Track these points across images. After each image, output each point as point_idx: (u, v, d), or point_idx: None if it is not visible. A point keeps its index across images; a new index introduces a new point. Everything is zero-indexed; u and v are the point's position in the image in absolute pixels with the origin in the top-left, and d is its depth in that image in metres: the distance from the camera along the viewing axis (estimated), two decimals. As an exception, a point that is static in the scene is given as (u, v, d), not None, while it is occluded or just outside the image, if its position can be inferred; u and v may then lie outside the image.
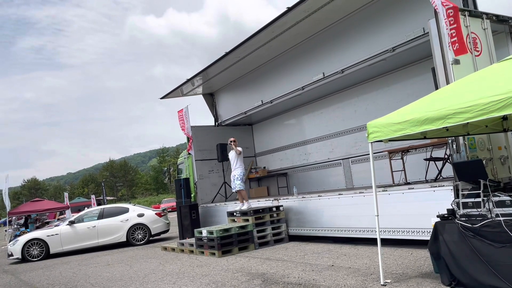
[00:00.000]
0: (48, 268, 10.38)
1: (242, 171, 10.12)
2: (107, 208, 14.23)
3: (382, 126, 4.75)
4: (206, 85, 14.06)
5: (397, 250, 6.98)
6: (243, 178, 10.10)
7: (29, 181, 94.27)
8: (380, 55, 8.80)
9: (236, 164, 10.15)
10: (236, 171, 10.13)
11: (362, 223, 7.83)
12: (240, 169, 10.09)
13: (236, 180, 10.06)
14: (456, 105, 3.94)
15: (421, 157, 8.67)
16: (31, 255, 12.53)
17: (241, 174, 10.07)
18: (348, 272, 5.84)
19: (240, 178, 10.02)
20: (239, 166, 10.10)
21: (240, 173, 10.07)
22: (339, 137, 11.70)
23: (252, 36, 9.93)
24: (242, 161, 10.23)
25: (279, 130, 14.07)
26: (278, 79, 11.93)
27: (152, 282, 6.86)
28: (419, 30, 7.85)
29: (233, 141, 10.32)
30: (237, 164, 10.12)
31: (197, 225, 11.63)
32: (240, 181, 10.00)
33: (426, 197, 6.60)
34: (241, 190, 10.04)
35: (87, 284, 7.49)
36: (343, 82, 10.65)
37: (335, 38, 9.92)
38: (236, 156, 10.16)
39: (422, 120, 4.16)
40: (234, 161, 10.20)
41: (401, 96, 9.50)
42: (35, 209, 21.06)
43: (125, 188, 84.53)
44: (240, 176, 10.04)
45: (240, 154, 10.12)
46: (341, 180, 11.68)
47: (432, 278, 4.96)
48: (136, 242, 13.26)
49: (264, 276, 6.24)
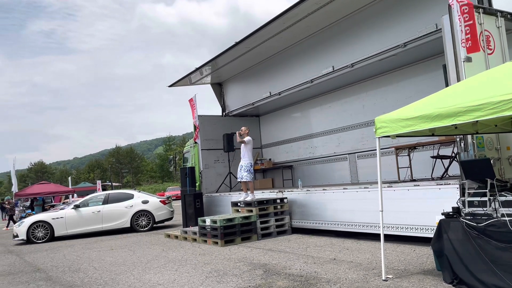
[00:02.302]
0: (52, 250, 10.51)
1: (250, 162, 10.01)
2: (112, 193, 14.35)
3: (390, 122, 4.72)
4: (215, 74, 14.04)
5: (400, 246, 6.97)
6: (250, 169, 9.98)
7: (36, 164, 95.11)
8: (391, 50, 8.72)
9: (244, 154, 10.05)
10: (243, 161, 10.03)
11: (365, 218, 7.82)
12: (247, 160, 9.98)
13: (243, 171, 9.96)
14: (467, 102, 3.90)
15: (427, 155, 8.63)
16: (36, 237, 12.68)
17: (248, 165, 9.94)
18: (349, 266, 5.86)
19: (247, 170, 9.91)
20: (247, 157, 9.99)
21: (248, 164, 9.96)
22: (346, 132, 11.65)
23: (263, 26, 9.88)
24: (250, 151, 10.10)
25: (286, 122, 14.04)
26: (287, 71, 11.88)
27: (155, 268, 6.92)
28: (431, 26, 7.76)
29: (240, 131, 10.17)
30: (245, 155, 10.03)
31: (201, 214, 11.69)
32: (247, 173, 9.89)
33: (432, 195, 6.57)
34: (249, 182, 9.99)
35: (90, 267, 7.57)
36: (353, 76, 10.58)
37: (346, 32, 9.83)
38: (244, 146, 10.07)
39: (432, 117, 4.13)
40: (242, 151, 10.10)
41: (410, 92, 9.43)
42: (41, 191, 21.29)
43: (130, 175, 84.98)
44: (247, 167, 9.92)
45: (243, 144, 9.99)
46: (346, 175, 11.66)
47: (434, 275, 4.95)
48: (139, 229, 13.37)
49: (266, 267, 6.27)
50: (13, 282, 6.79)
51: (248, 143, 10.01)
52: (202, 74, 13.79)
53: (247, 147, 10.00)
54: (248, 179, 9.92)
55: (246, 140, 9.96)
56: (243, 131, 10.11)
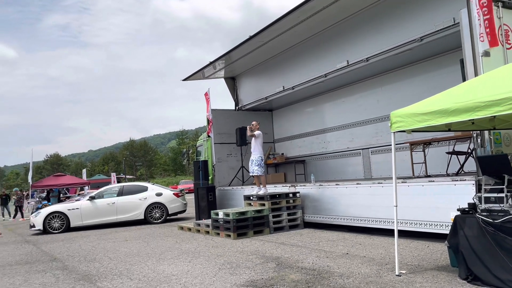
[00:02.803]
0: (68, 241, 10.70)
1: (260, 156, 10.04)
2: (126, 185, 14.52)
3: (406, 116, 4.68)
4: (228, 68, 14.06)
5: (413, 242, 6.94)
6: (261, 163, 10.02)
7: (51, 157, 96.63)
8: (407, 45, 8.61)
9: (254, 149, 10.11)
10: (253, 156, 10.07)
11: (379, 214, 7.79)
12: (258, 154, 10.03)
13: (254, 165, 10.00)
14: (486, 97, 3.85)
15: (442, 150, 8.54)
16: (52, 227, 12.92)
17: (258, 159, 9.98)
18: (362, 261, 5.85)
19: (257, 164, 9.96)
20: (257, 151, 10.04)
21: (258, 158, 9.99)
22: (360, 127, 11.58)
23: (278, 20, 9.85)
24: (260, 145, 10.14)
25: (299, 117, 14.01)
26: (301, 65, 11.83)
27: (169, 259, 7.01)
28: (449, 20, 7.64)
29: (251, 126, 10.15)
30: (255, 149, 10.07)
31: (214, 207, 11.77)
32: (257, 167, 9.93)
33: (447, 191, 6.51)
34: (260, 176, 10.03)
35: (105, 257, 7.70)
36: (367, 71, 10.49)
37: (361, 26, 9.74)
38: (254, 141, 10.11)
39: (449, 112, 4.08)
40: (253, 145, 10.16)
41: (426, 87, 9.31)
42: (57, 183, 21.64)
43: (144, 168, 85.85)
44: (258, 161, 9.97)
45: (253, 137, 9.99)
46: (359, 170, 11.60)
47: (448, 271, 4.92)
48: (153, 221, 13.52)
49: (279, 260, 6.31)
50: (30, 271, 6.94)
51: (258, 137, 10.02)
52: (215, 68, 13.82)
53: (257, 141, 10.02)
54: (259, 173, 9.95)
55: (256, 134, 9.97)
56: (253, 125, 10.13)
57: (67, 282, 5.89)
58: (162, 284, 5.35)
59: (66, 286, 5.65)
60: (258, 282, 5.09)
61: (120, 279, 5.82)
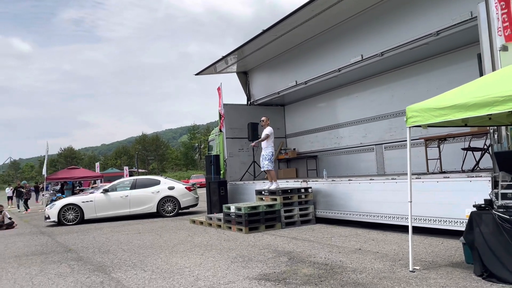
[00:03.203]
0: (82, 232, 10.85)
1: (271, 151, 10.06)
2: (139, 179, 14.65)
3: (422, 111, 4.62)
4: (241, 63, 14.04)
5: (427, 238, 6.88)
6: (271, 158, 10.06)
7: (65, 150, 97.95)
8: (422, 39, 8.49)
9: (264, 144, 10.12)
10: (265, 151, 10.10)
11: (392, 210, 7.73)
12: (269, 149, 10.04)
13: (264, 160, 10.05)
14: (505, 92, 3.78)
15: (458, 147, 8.43)
16: (67, 219, 13.11)
17: (269, 154, 10.01)
18: (375, 257, 5.82)
19: (268, 158, 9.99)
20: (268, 146, 10.06)
21: (269, 153, 10.02)
22: (374, 122, 11.48)
23: (291, 14, 9.79)
24: (272, 141, 10.18)
25: (312, 112, 13.95)
26: (314, 60, 11.76)
27: (181, 252, 7.07)
28: (466, 14, 7.51)
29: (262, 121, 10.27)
30: (266, 144, 10.09)
31: (225, 201, 11.81)
32: (268, 161, 9.97)
33: (462, 187, 6.43)
34: (270, 170, 10.05)
35: (119, 249, 7.79)
36: (382, 66, 10.38)
37: (376, 19, 9.63)
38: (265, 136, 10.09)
39: (467, 106, 4.01)
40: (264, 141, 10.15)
41: (442, 82, 9.18)
42: (71, 176, 21.93)
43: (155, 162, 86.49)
44: (268, 156, 10.00)
45: (266, 137, 10.04)
46: (372, 166, 11.52)
47: (463, 268, 4.87)
48: (165, 214, 13.63)
49: (291, 254, 6.31)
50: (46, 261, 7.06)
51: (270, 135, 10.07)
52: (227, 63, 13.82)
53: (269, 137, 10.05)
54: (270, 168, 9.97)
55: (268, 133, 10.01)
56: (264, 121, 10.20)
57: (82, 273, 5.98)
58: (175, 276, 5.40)
59: (82, 276, 5.74)
60: (270, 276, 5.11)
61: (134, 270, 5.88)
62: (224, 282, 4.97)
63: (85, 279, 5.59)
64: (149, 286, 4.99)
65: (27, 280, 5.76)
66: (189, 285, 4.92)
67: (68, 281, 5.55)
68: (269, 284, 4.74)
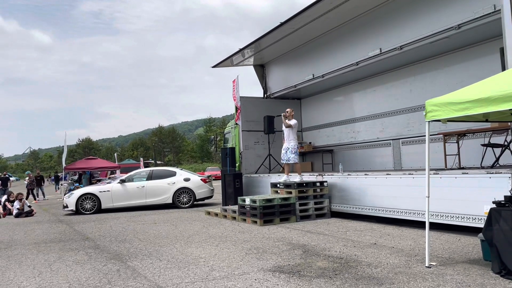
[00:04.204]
0: (99, 221, 11.04)
1: (295, 144, 9.92)
2: (156, 170, 14.80)
3: (442, 105, 4.54)
4: (258, 56, 14.01)
5: (444, 235, 6.79)
6: (297, 151, 9.92)
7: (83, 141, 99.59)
8: (443, 32, 8.33)
9: (289, 137, 9.94)
10: (289, 144, 9.91)
11: (408, 205, 7.65)
12: (293, 142, 9.89)
13: (290, 153, 9.86)
14: (528, 86, 3.69)
15: (477, 142, 8.28)
16: (84, 208, 13.34)
17: (294, 147, 9.85)
18: (391, 252, 5.78)
19: (294, 152, 9.84)
20: (293, 139, 9.91)
21: (294, 146, 9.87)
22: (391, 117, 11.35)
23: (310, 6, 9.70)
24: (295, 134, 10.03)
25: (328, 106, 13.85)
26: (332, 53, 11.65)
27: (196, 243, 7.13)
28: (489, 7, 7.34)
29: (285, 113, 10.00)
30: (291, 137, 9.92)
31: (240, 194, 11.86)
32: (294, 154, 9.82)
33: (481, 184, 6.31)
34: (296, 163, 9.97)
35: (135, 239, 7.90)
36: (401, 59, 10.22)
37: (396, 12, 9.48)
38: (290, 129, 9.94)
39: (490, 101, 3.93)
40: (288, 133, 9.96)
41: (462, 77, 9.01)
42: (88, 166, 22.28)
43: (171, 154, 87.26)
44: (294, 149, 9.84)
45: (289, 127, 9.91)
46: (389, 161, 11.41)
47: (481, 265, 4.81)
48: (181, 205, 13.76)
49: (305, 247, 6.31)
50: (64, 249, 7.21)
51: (294, 126, 9.95)
52: (244, 56, 13.79)
53: (293, 129, 9.95)
54: (296, 161, 9.89)
55: (293, 124, 9.86)
56: (288, 112, 10.02)
57: (99, 260, 6.09)
58: (190, 266, 5.46)
59: (99, 264, 5.85)
60: (284, 268, 5.12)
61: (149, 260, 5.97)
62: (239, 273, 5.01)
63: (102, 266, 5.70)
64: (164, 275, 5.06)
65: (45, 266, 5.90)
66: (204, 275, 4.97)
67: (85, 268, 5.66)
68: (283, 276, 4.75)
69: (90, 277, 5.15)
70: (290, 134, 9.93)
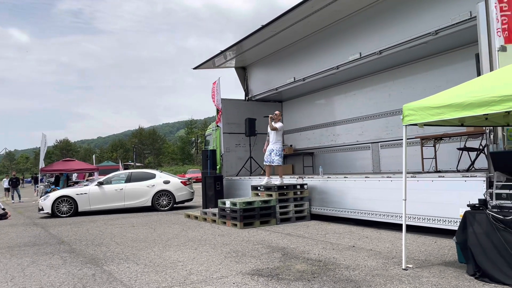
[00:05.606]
0: (76, 225, 10.81)
1: (281, 147, 9.90)
2: (135, 172, 14.59)
3: (419, 109, 4.61)
4: (239, 58, 13.99)
5: (421, 237, 6.89)
6: (282, 153, 9.91)
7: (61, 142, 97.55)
8: (421, 38, 8.49)
9: (275, 139, 9.89)
10: (275, 146, 9.86)
11: (386, 208, 7.74)
12: (279, 144, 9.86)
13: (275, 155, 9.80)
14: (501, 92, 3.77)
15: (453, 146, 8.45)
16: (60, 211, 13.05)
17: (279, 150, 9.83)
18: (369, 254, 5.83)
19: (279, 154, 9.80)
20: (278, 142, 9.88)
21: (279, 148, 9.84)
22: (370, 120, 11.49)
23: (291, 9, 9.75)
24: (281, 136, 10.02)
25: (309, 109, 13.93)
26: (313, 56, 11.73)
27: (175, 246, 7.05)
28: (465, 14, 7.51)
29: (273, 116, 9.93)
30: (276, 139, 9.88)
31: (221, 196, 11.80)
32: (278, 157, 9.78)
33: (456, 187, 6.44)
34: (279, 166, 9.94)
35: (112, 242, 7.76)
36: (380, 64, 10.37)
37: (376, 17, 9.61)
38: (275, 131, 9.85)
39: (464, 106, 4.00)
40: (274, 135, 9.91)
41: (440, 82, 9.19)
42: (66, 168, 21.84)
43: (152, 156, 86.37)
44: (279, 151, 9.80)
45: (275, 130, 9.81)
46: (368, 164, 11.54)
47: (456, 267, 4.88)
48: (160, 208, 13.60)
49: (284, 250, 6.31)
50: (38, 253, 7.03)
51: (280, 129, 9.91)
52: (226, 57, 13.76)
53: (279, 132, 9.92)
54: (280, 163, 9.87)
55: (278, 128, 9.82)
56: (276, 115, 9.98)
57: (74, 265, 5.95)
58: (168, 270, 5.39)
59: (73, 268, 5.71)
60: (263, 271, 5.10)
61: (126, 264, 5.86)
62: (217, 276, 4.96)
63: (77, 271, 5.57)
64: (141, 279, 4.98)
65: (18, 270, 5.73)
66: (181, 279, 4.91)
67: (60, 272, 5.52)
68: (262, 280, 4.73)
69: (65, 282, 5.02)
70: (276, 137, 9.92)
